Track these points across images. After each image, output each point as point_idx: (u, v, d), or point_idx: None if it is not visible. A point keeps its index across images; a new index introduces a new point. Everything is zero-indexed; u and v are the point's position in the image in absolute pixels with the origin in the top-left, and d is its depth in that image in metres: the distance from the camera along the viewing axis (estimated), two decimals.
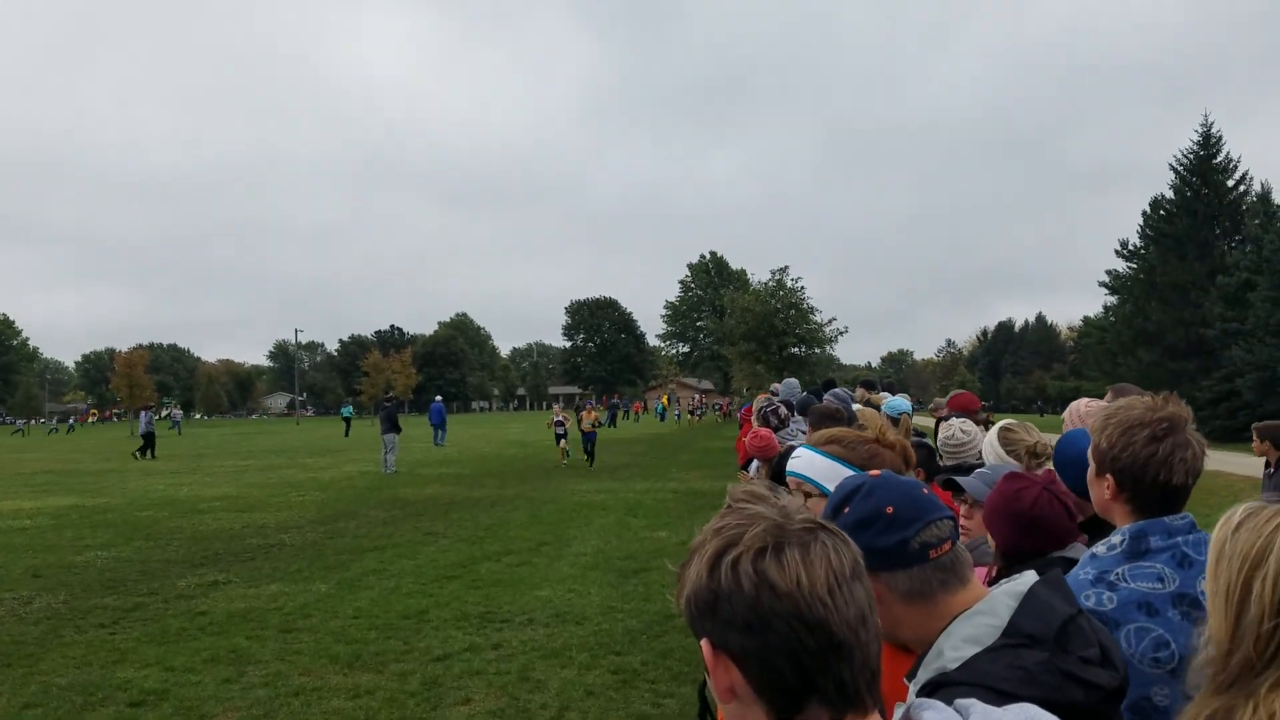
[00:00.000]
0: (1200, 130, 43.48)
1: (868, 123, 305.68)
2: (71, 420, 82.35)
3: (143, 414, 35.97)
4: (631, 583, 9.89)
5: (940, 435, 4.21)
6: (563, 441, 26.68)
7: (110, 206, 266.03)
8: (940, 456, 4.75)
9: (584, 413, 27.59)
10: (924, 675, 1.54)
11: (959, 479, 2.91)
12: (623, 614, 8.54)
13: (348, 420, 54.95)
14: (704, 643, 1.02)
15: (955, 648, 1.53)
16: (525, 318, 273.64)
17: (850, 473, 2.31)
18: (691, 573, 1.02)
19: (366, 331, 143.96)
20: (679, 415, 64.04)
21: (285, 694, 6.45)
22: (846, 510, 1.62)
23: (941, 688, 1.52)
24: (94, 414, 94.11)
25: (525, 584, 9.90)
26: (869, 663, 0.99)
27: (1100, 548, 2.11)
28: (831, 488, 2.15)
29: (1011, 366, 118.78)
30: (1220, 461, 24.21)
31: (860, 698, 0.99)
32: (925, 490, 1.66)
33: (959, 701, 1.07)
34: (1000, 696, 1.42)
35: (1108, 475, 2.11)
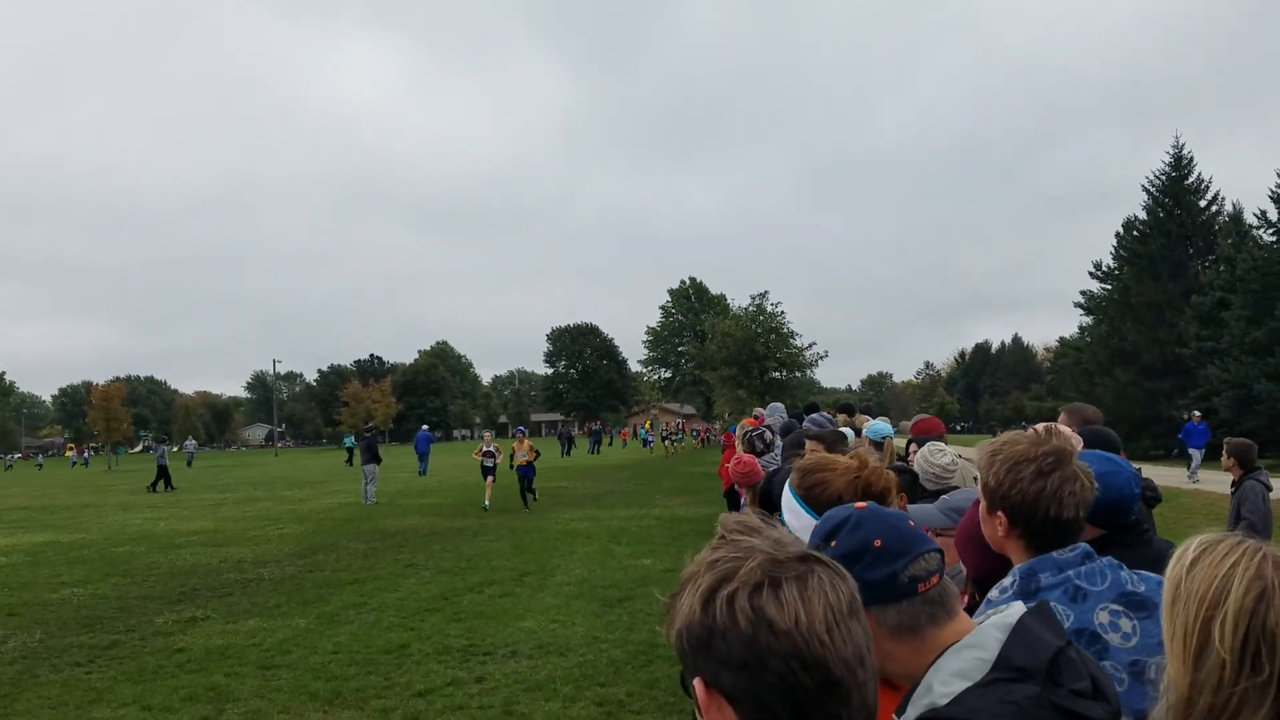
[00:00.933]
0: (1171, 152, 44.10)
1: (841, 150, 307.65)
2: (86, 455, 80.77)
3: (159, 447, 36.94)
4: (616, 612, 9.82)
5: (919, 463, 4.21)
6: (490, 477, 22.55)
7: (84, 237, 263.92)
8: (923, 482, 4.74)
9: (516, 443, 22.29)
10: (913, 712, 1.51)
11: (914, 510, 2.89)
12: (607, 644, 8.48)
13: (351, 450, 54.14)
14: (696, 682, 0.99)
15: (945, 683, 1.50)
16: (506, 345, 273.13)
17: (801, 509, 2.29)
18: (684, 606, 0.99)
19: (346, 361, 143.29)
20: (650, 442, 57.74)
21: None
22: (834, 544, 1.60)
23: None
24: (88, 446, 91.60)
25: (508, 615, 9.82)
26: (866, 702, 0.97)
27: (994, 592, 2.09)
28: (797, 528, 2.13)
29: (990, 388, 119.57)
30: (1199, 480, 24.38)
31: None
32: (912, 523, 1.65)
33: None
34: None
35: (999, 512, 2.10)
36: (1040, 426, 2.48)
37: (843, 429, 7.16)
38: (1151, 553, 2.46)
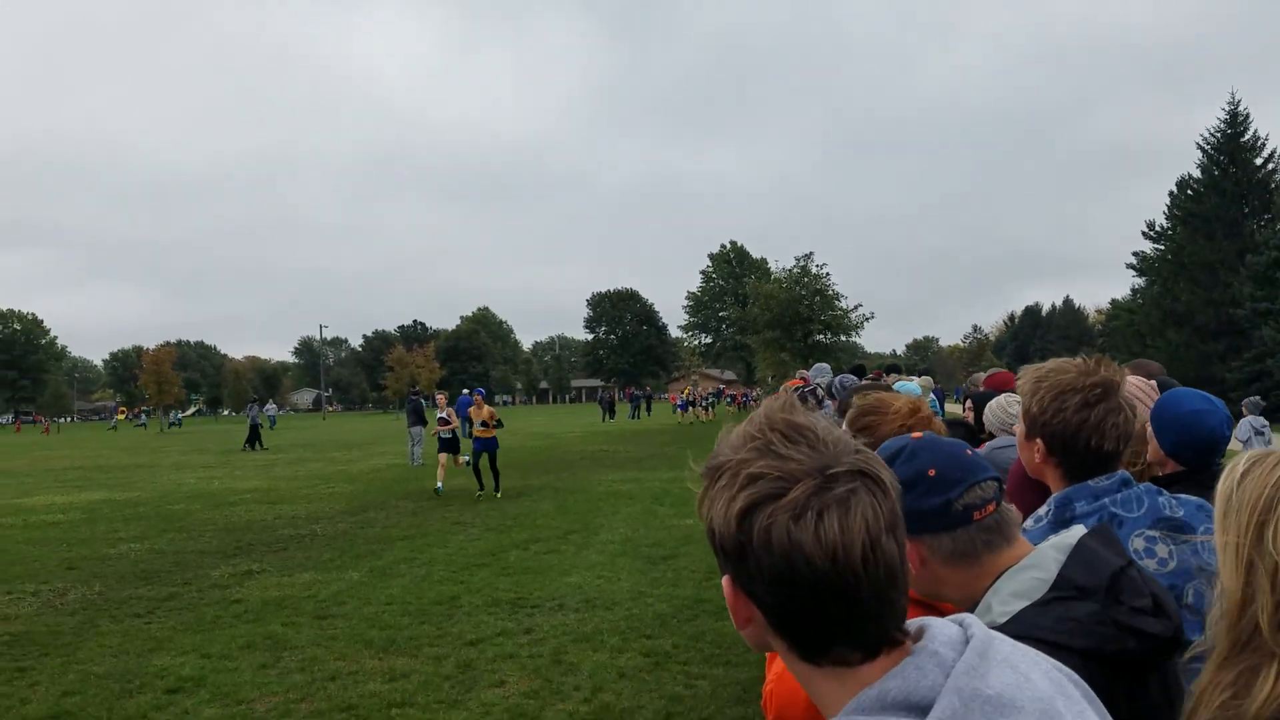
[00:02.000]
0: (1227, 109, 42.96)
1: (880, 111, 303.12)
2: (178, 415, 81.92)
3: (251, 407, 38.14)
4: (660, 569, 9.89)
5: (995, 411, 4.18)
6: (448, 453, 18.21)
7: (132, 206, 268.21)
8: (984, 435, 4.72)
9: (472, 408, 17.62)
10: None
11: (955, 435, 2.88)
12: (652, 599, 8.55)
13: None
14: (726, 579, 1.00)
15: (1004, 602, 1.51)
16: (547, 311, 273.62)
17: None
18: (719, 509, 0.97)
19: (389, 326, 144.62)
20: (682, 408, 51.11)
21: (322, 678, 6.50)
22: None
23: None
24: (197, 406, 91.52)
25: (554, 571, 9.93)
26: (896, 611, 0.97)
27: (1029, 522, 2.07)
28: None
29: (1039, 351, 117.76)
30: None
31: (889, 638, 0.97)
32: (969, 452, 1.64)
33: (958, 615, 1.04)
34: (1051, 649, 1.40)
35: (1037, 439, 2.07)
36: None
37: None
38: None
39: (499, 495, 16.41)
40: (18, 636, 7.90)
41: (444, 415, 18.72)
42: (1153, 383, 3.18)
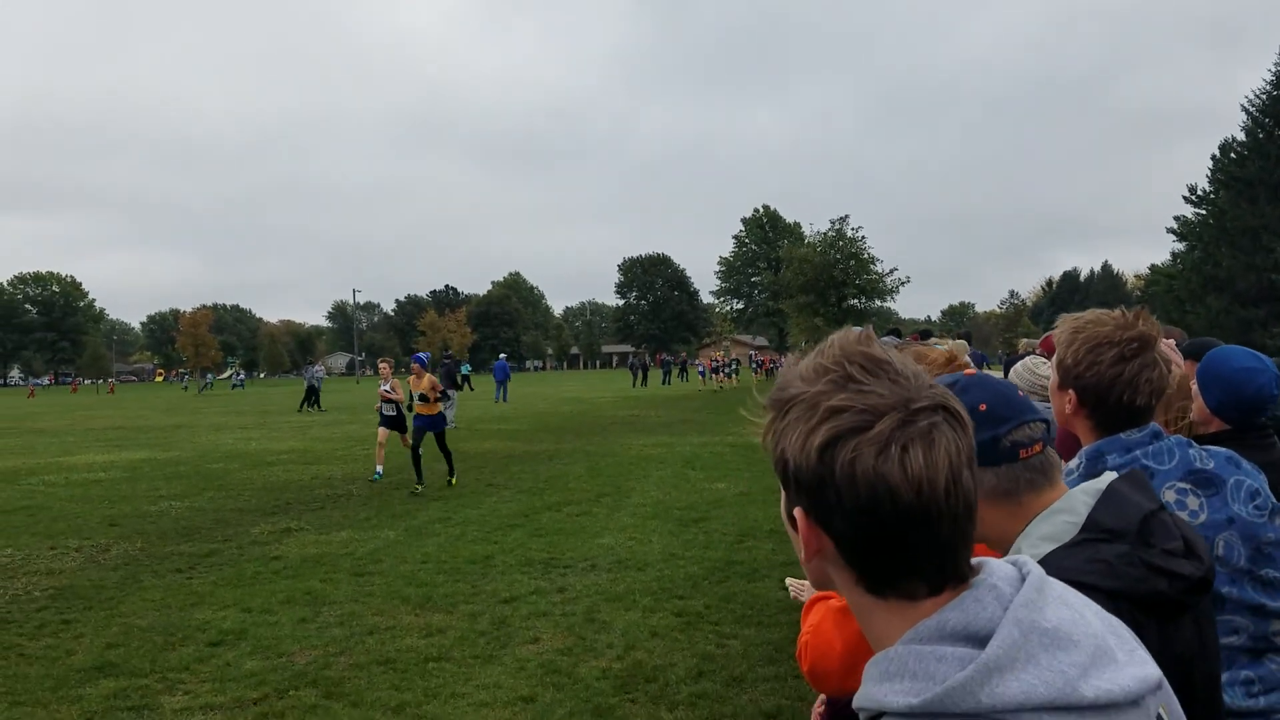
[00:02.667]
0: (1274, 69, 41.91)
1: (917, 72, 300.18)
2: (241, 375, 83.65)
3: (308, 368, 38.93)
4: (691, 531, 9.94)
5: (1020, 372, 4.16)
6: (391, 430, 15.39)
7: (167, 170, 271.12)
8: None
9: (413, 377, 15.06)
10: None
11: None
12: (684, 560, 8.60)
13: (465, 377, 53.55)
14: (798, 511, 0.99)
15: (1033, 545, 1.52)
16: (578, 276, 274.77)
17: None
18: (794, 443, 0.96)
19: (422, 291, 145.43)
20: (703, 373, 50.63)
21: (360, 633, 6.62)
22: None
23: None
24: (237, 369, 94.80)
25: (586, 532, 10.01)
26: (968, 542, 0.98)
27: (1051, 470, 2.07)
28: None
29: None
30: None
31: (959, 571, 0.98)
32: (1021, 393, 1.64)
33: (1014, 556, 1.05)
34: (1080, 589, 1.41)
35: (1070, 390, 2.05)
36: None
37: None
38: (1274, 456, 2.41)
39: (453, 482, 14.05)
40: (62, 590, 8.09)
41: (387, 387, 15.59)
42: (1171, 342, 3.15)
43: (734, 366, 53.68)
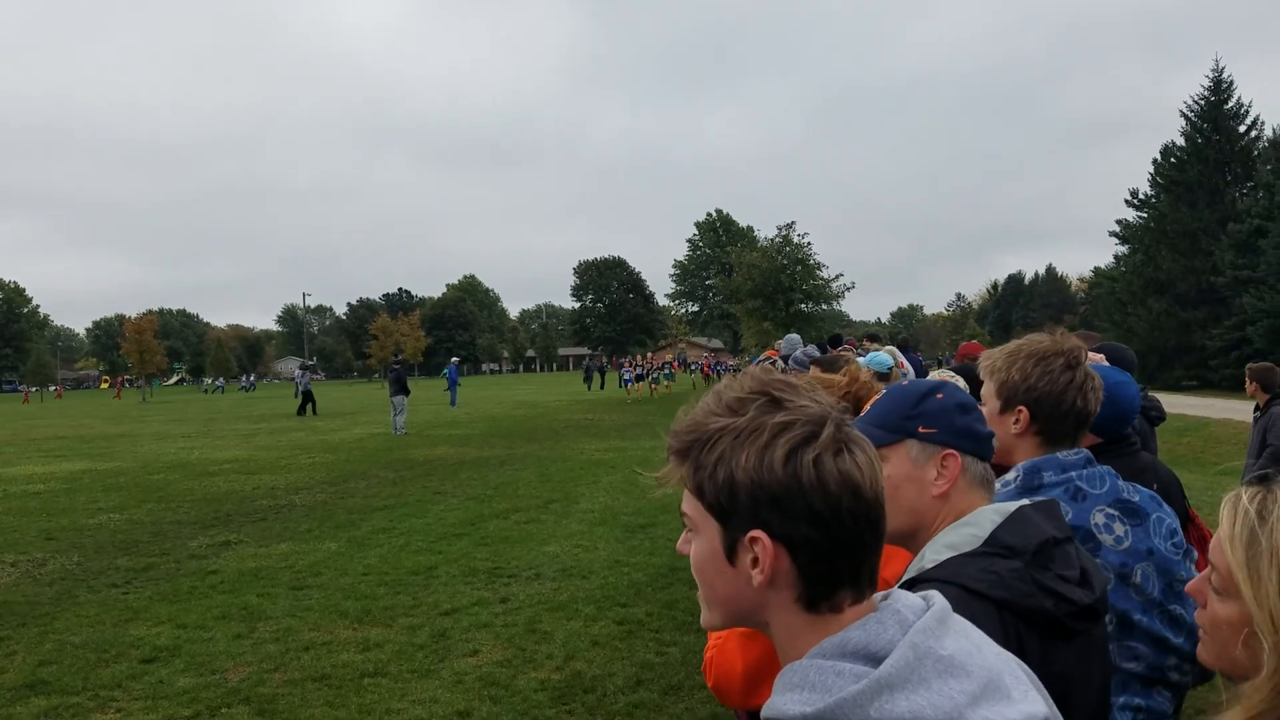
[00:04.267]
0: (1211, 76, 42.94)
1: (861, 79, 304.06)
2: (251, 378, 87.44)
3: (299, 374, 38.56)
4: (638, 537, 9.96)
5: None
6: None
7: (109, 173, 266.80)
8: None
9: None
10: (906, 577, 1.61)
11: None
12: (629, 567, 8.62)
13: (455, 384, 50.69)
14: (757, 532, 1.01)
15: (936, 552, 1.60)
16: (534, 279, 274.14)
17: None
18: (748, 464, 1.00)
19: (374, 294, 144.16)
20: (627, 381, 42.02)
21: (296, 648, 6.54)
22: (940, 395, 1.69)
23: (917, 584, 1.57)
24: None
25: (533, 540, 9.98)
26: (881, 550, 1.06)
27: (995, 485, 2.13)
28: None
29: (1022, 319, 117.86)
30: (1230, 410, 24.20)
31: (875, 578, 1.05)
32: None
33: (924, 591, 1.10)
34: (970, 595, 1.47)
35: (1020, 408, 2.10)
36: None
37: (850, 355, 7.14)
38: (1138, 464, 2.53)
39: None
40: None
41: None
42: (1100, 356, 3.24)
43: (664, 371, 47.41)
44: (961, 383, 4.28)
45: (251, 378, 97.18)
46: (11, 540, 10.89)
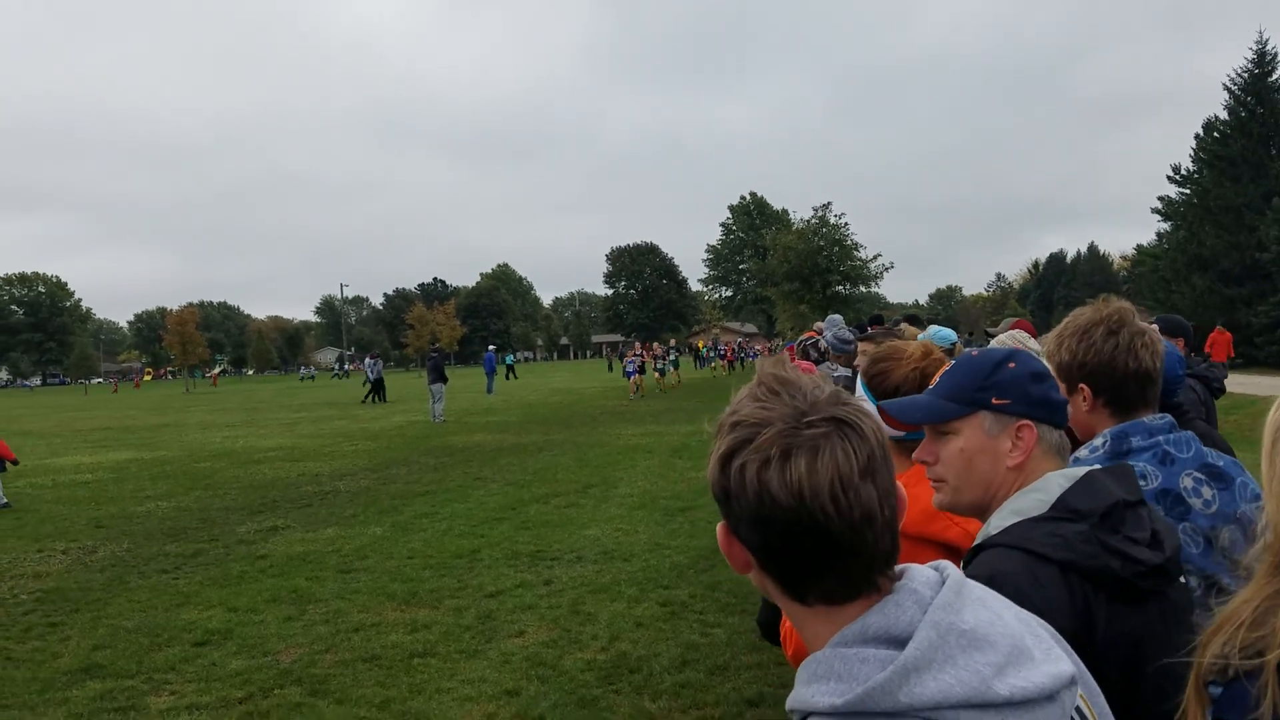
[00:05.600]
0: (1255, 48, 41.96)
1: (883, 59, 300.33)
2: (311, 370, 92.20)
3: (369, 362, 38.44)
4: (677, 520, 9.98)
5: (1003, 340, 4.20)
6: None
7: (148, 168, 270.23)
8: None
9: None
10: (974, 544, 1.61)
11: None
12: (670, 550, 8.64)
13: (510, 367, 51.42)
14: (720, 525, 1.06)
15: (1003, 517, 1.59)
16: (566, 267, 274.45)
17: (866, 395, 2.35)
18: (711, 460, 1.04)
19: (410, 284, 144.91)
20: (630, 373, 34.47)
21: (345, 630, 6.64)
22: (1013, 365, 1.67)
23: (982, 549, 1.56)
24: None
25: (573, 524, 10.04)
26: (877, 553, 1.01)
27: (1082, 451, 2.11)
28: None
29: (1064, 298, 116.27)
30: (1275, 388, 23.79)
31: (869, 581, 1.02)
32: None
33: (936, 562, 1.09)
34: (1035, 559, 1.47)
35: (1081, 386, 2.10)
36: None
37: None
38: (1195, 433, 2.49)
39: None
40: (49, 593, 8.08)
41: None
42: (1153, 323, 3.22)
43: (671, 361, 42.27)
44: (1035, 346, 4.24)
45: (345, 366, 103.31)
46: (62, 528, 11.11)
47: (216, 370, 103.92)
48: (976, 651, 0.96)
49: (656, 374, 37.63)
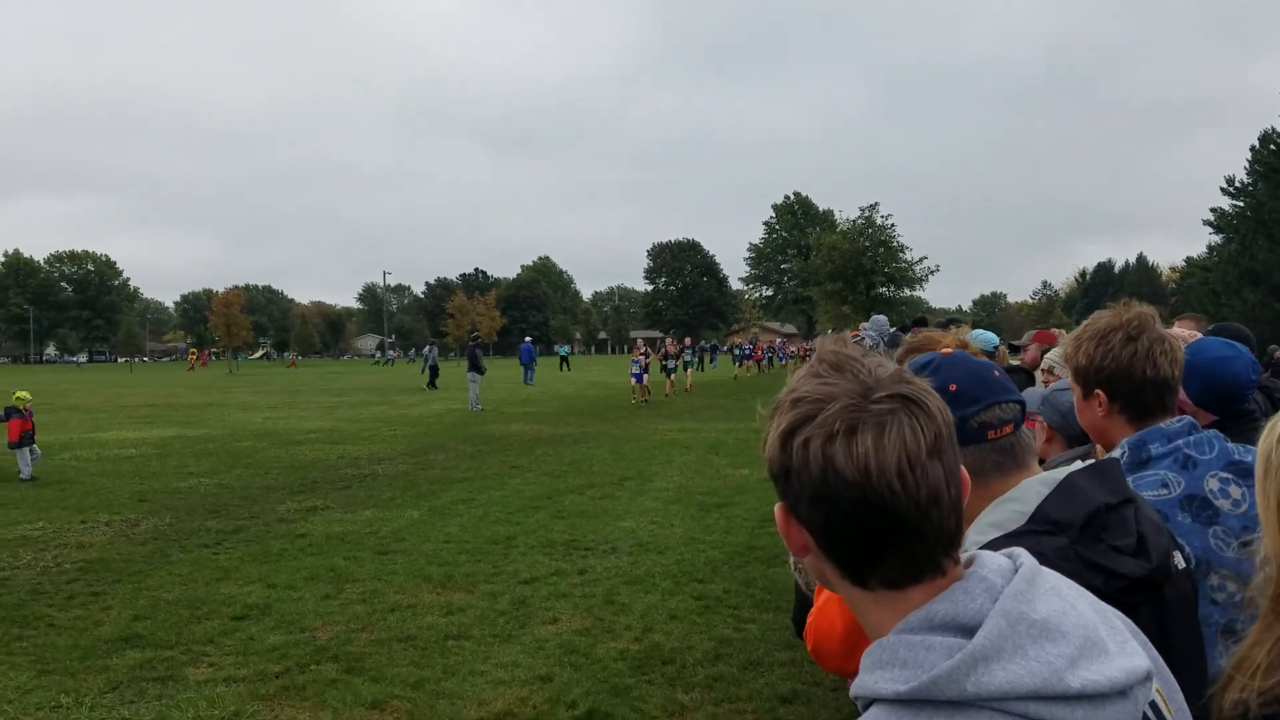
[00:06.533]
0: None
1: (929, 61, 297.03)
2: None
3: (429, 349, 39.20)
4: (713, 516, 9.96)
5: (1052, 355, 4.16)
6: None
7: (197, 153, 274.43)
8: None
9: None
10: None
11: (1025, 398, 2.87)
12: (705, 545, 8.62)
13: (564, 358, 51.86)
14: (778, 506, 1.04)
15: (980, 532, 1.53)
16: (607, 261, 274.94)
17: None
18: (770, 438, 1.02)
19: (451, 274, 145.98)
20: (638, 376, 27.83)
21: (382, 610, 6.70)
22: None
23: None
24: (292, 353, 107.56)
25: (608, 515, 10.04)
26: (942, 534, 0.98)
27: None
28: None
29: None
30: None
31: (934, 562, 0.99)
32: (998, 374, 1.64)
33: (1009, 549, 1.06)
34: None
35: (1096, 390, 2.06)
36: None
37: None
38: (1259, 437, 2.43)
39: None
40: (92, 563, 8.23)
41: None
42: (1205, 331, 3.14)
43: (685, 360, 36.65)
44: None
45: (388, 355, 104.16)
46: (106, 501, 11.31)
47: (294, 357, 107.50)
48: (1048, 642, 0.93)
49: (666, 375, 31.89)
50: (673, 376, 32.17)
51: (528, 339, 45.17)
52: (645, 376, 27.86)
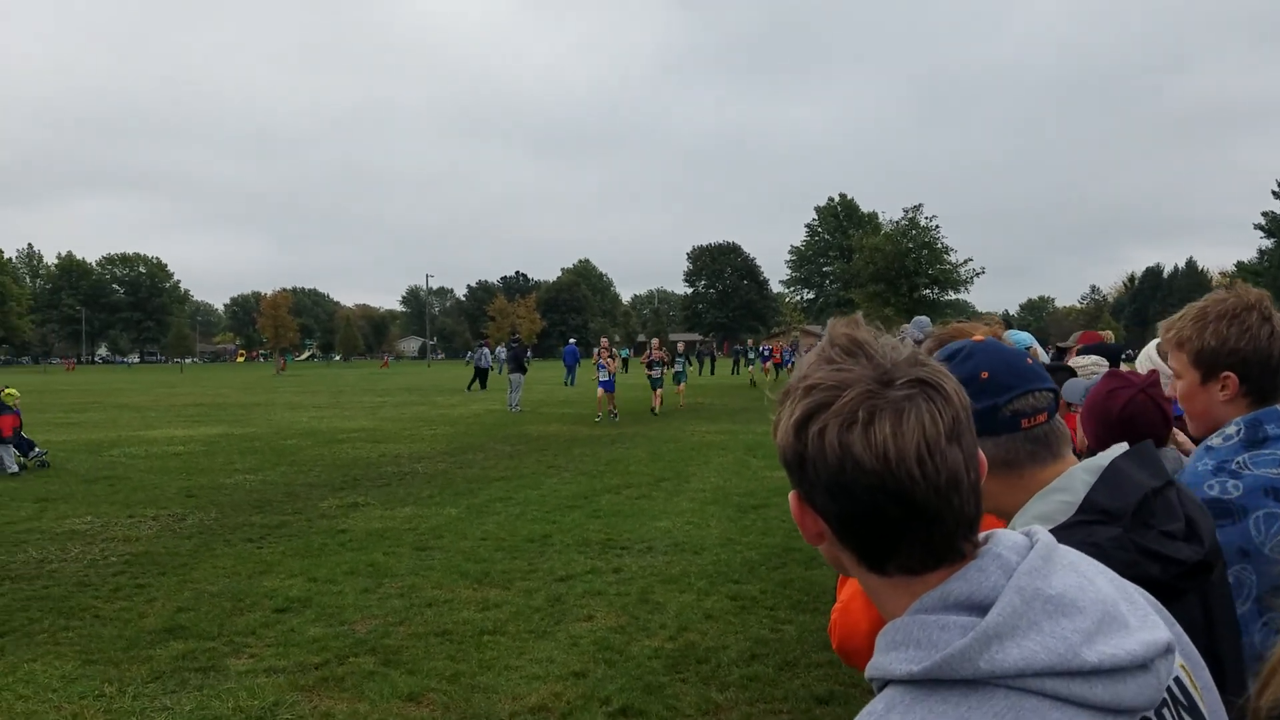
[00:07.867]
0: None
1: (973, 64, 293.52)
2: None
3: (480, 350, 38.64)
4: (750, 517, 9.93)
5: (1142, 358, 4.10)
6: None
7: (246, 157, 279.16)
8: None
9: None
10: None
11: (1056, 381, 2.83)
12: (741, 546, 8.60)
13: (625, 360, 50.99)
14: (792, 494, 1.02)
15: (1027, 525, 1.49)
16: (647, 264, 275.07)
17: None
18: (782, 425, 1.00)
19: (493, 277, 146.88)
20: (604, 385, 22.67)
21: (419, 604, 6.76)
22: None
23: None
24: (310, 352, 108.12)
25: (645, 515, 10.05)
26: (962, 519, 0.97)
27: (1215, 439, 2.01)
28: None
29: (1160, 315, 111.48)
30: None
31: (953, 547, 0.98)
32: (1030, 361, 1.60)
33: (1026, 527, 1.04)
34: None
35: (1225, 373, 1.99)
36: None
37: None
38: None
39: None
40: (138, 556, 8.39)
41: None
42: None
43: (676, 367, 28.61)
44: (1105, 365, 4.13)
45: (483, 354, 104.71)
46: (154, 496, 11.53)
47: (387, 356, 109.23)
48: (1064, 617, 0.92)
49: (653, 388, 25.40)
50: (660, 390, 25.32)
51: (571, 340, 45.37)
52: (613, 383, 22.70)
